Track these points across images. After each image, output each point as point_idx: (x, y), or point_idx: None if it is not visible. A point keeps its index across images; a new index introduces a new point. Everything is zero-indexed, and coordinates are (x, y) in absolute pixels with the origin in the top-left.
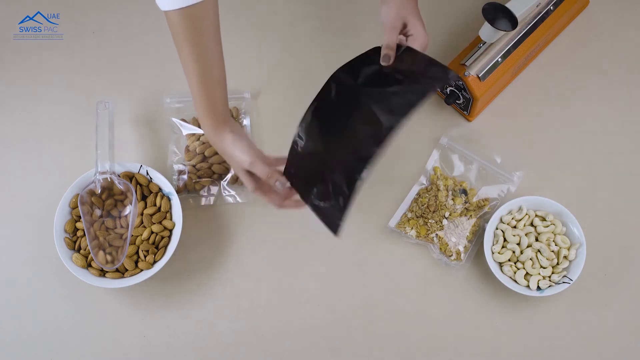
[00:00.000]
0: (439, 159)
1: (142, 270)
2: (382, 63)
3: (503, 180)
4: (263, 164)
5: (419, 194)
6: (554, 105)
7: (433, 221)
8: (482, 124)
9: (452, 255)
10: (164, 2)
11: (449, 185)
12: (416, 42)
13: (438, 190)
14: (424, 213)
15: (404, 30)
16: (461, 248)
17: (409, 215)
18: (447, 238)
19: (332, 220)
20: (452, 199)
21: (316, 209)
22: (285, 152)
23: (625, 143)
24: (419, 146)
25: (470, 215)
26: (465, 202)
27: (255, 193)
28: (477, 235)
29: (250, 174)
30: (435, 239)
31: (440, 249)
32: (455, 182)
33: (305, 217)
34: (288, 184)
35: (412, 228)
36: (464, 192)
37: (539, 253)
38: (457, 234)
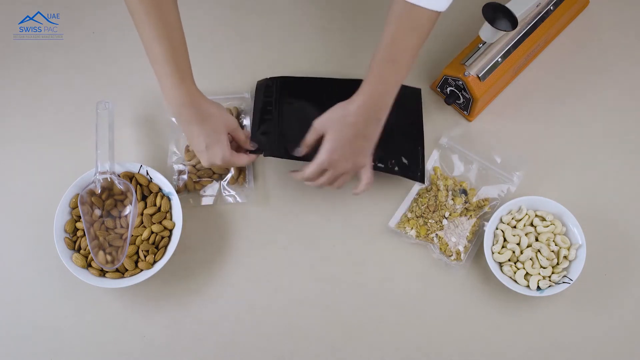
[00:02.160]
0: (439, 159)
1: (142, 270)
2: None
3: (503, 180)
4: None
5: (419, 194)
6: (554, 105)
7: (433, 221)
8: (482, 124)
9: (452, 255)
10: None
11: (449, 185)
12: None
13: (438, 190)
14: (423, 213)
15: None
16: (461, 248)
17: (409, 215)
18: (447, 238)
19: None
20: (452, 199)
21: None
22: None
23: (625, 143)
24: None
25: (470, 215)
26: (465, 202)
27: (229, 158)
28: (477, 235)
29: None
30: (435, 239)
31: (441, 249)
32: (455, 182)
33: (305, 218)
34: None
35: (412, 228)
36: (464, 192)
37: (539, 253)
38: (457, 234)
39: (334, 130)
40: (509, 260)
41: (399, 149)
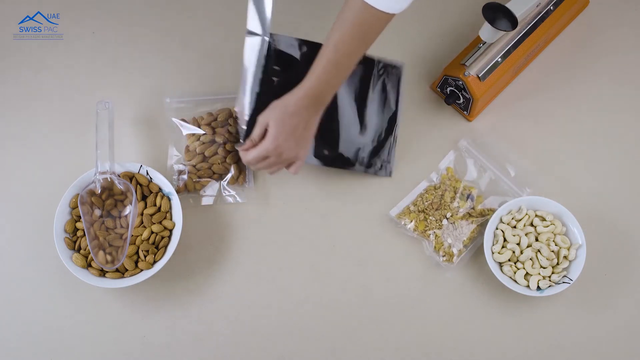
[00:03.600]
0: (454, 160)
1: (142, 270)
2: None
3: (512, 194)
4: None
5: (426, 190)
6: (554, 105)
7: (433, 219)
8: (482, 124)
9: (444, 256)
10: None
11: (458, 188)
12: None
13: (445, 190)
14: (426, 209)
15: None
16: (455, 251)
17: (412, 208)
18: (443, 238)
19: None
20: (458, 202)
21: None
22: None
23: (625, 142)
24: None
25: (472, 221)
26: (471, 208)
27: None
28: (474, 242)
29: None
30: (432, 236)
31: (435, 247)
32: (465, 186)
33: (305, 217)
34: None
35: (411, 221)
36: (471, 197)
37: (539, 253)
38: (454, 236)
39: (276, 120)
40: (509, 260)
41: (369, 136)
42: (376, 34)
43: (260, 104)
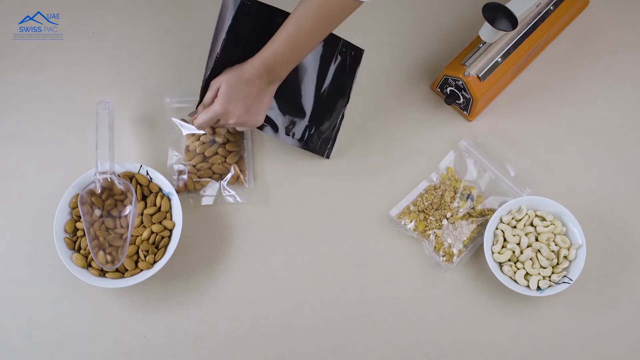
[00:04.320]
0: (454, 160)
1: (142, 270)
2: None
3: (512, 194)
4: None
5: (426, 190)
6: (554, 105)
7: (433, 219)
8: (482, 124)
9: (444, 256)
10: None
11: (458, 188)
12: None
13: (445, 190)
14: (426, 209)
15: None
16: (455, 251)
17: (412, 208)
18: (443, 238)
19: None
20: (458, 202)
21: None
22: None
23: (626, 143)
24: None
25: (472, 221)
26: (471, 208)
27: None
28: (474, 242)
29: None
30: (432, 236)
31: (435, 247)
32: (465, 186)
33: (305, 217)
34: None
35: (411, 221)
36: (471, 197)
37: (539, 253)
38: (454, 236)
39: (228, 83)
40: (509, 260)
41: (317, 114)
42: (341, 19)
43: (219, 68)
